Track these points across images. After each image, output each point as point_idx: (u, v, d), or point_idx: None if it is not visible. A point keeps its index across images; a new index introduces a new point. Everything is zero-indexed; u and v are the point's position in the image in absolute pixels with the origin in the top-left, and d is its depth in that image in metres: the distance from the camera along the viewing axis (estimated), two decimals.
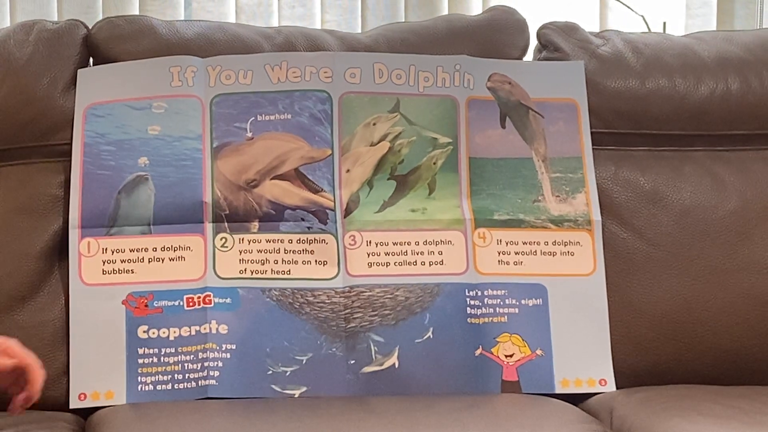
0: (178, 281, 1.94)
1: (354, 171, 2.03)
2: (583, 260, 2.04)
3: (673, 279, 2.06)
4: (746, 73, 2.15)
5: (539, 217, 2.05)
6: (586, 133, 2.09)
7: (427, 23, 2.21)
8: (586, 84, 2.11)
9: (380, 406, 1.87)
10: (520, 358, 2.00)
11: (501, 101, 2.09)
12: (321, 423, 1.78)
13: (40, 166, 1.99)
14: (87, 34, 2.06)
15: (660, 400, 1.90)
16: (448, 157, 2.06)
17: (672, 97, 2.13)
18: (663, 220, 2.08)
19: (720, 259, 2.07)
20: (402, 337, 1.97)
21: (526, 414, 1.83)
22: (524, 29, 2.18)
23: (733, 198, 2.11)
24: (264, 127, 2.01)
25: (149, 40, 2.04)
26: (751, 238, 2.09)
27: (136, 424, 1.80)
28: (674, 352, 2.03)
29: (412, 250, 2.01)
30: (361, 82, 2.04)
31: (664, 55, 2.16)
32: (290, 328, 1.94)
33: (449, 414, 1.82)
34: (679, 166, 2.12)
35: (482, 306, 2.00)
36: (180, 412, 1.82)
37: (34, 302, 1.94)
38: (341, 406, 1.86)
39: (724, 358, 2.05)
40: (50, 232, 1.96)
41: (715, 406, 1.85)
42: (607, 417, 1.87)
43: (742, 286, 2.06)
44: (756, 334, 2.05)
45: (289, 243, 1.98)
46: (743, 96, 2.14)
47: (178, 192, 1.96)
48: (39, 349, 1.88)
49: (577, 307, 2.02)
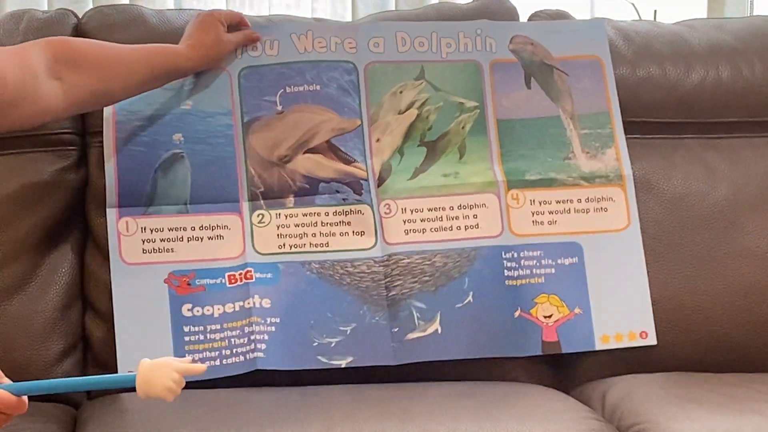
0: (219, 259, 1.94)
1: (384, 140, 2.03)
2: (617, 215, 2.05)
3: (664, 266, 2.06)
4: (737, 60, 2.16)
5: (571, 175, 2.06)
6: (612, 88, 2.10)
7: (418, 12, 2.21)
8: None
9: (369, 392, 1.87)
10: (559, 318, 2.01)
11: (525, 62, 2.09)
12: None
13: (30, 155, 1.97)
14: (77, 23, 2.05)
15: (652, 387, 1.91)
16: (476, 120, 2.06)
17: (663, 84, 2.13)
18: (654, 207, 2.08)
19: (711, 247, 2.07)
20: (443, 303, 1.97)
21: (517, 403, 1.83)
22: (515, 17, 2.18)
23: (724, 185, 2.11)
24: (294, 100, 2.00)
25: (139, 29, 2.02)
26: (742, 225, 2.09)
27: (126, 413, 1.79)
28: (666, 339, 2.03)
29: (447, 215, 2.01)
30: (385, 52, 2.04)
31: (654, 42, 2.16)
32: (332, 300, 1.95)
33: (439, 403, 1.82)
34: (670, 154, 2.12)
35: (519, 267, 2.01)
36: (170, 402, 1.81)
37: (25, 293, 1.93)
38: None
39: (716, 346, 2.04)
40: (41, 222, 1.95)
41: (707, 393, 1.85)
42: (599, 404, 1.87)
43: (732, 273, 2.06)
44: (747, 321, 2.05)
45: (326, 216, 1.98)
46: (734, 83, 2.15)
47: (213, 171, 1.96)
48: (30, 340, 1.90)
49: (614, 263, 2.03)
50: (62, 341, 1.93)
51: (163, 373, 1.32)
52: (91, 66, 1.79)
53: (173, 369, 1.32)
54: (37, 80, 1.71)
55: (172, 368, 1.32)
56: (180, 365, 1.32)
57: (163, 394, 1.32)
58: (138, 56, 1.86)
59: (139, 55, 1.86)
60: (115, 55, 1.84)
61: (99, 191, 1.97)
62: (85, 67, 1.78)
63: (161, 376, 1.32)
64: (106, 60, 1.82)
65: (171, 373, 1.32)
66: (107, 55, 1.82)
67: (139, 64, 1.85)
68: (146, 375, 1.32)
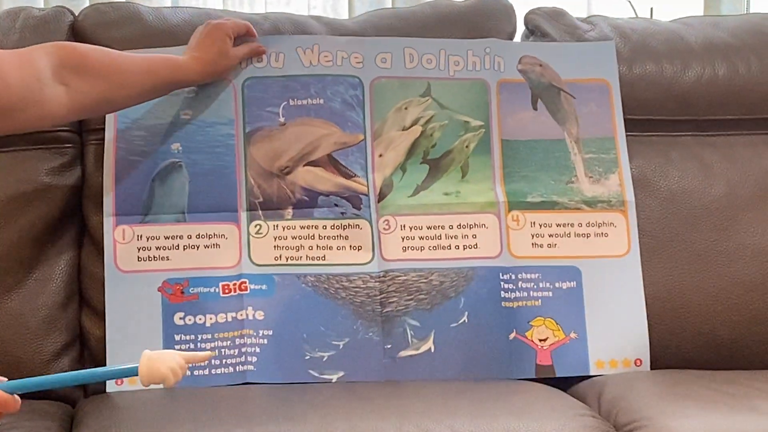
0: (214, 268, 1.94)
1: (387, 156, 2.03)
2: (618, 241, 2.04)
3: (661, 264, 2.05)
4: (733, 58, 2.15)
5: (573, 199, 2.05)
6: (618, 112, 2.09)
7: (414, 9, 2.20)
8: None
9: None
10: (554, 342, 2.00)
11: (532, 83, 2.08)
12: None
13: (27, 153, 1.98)
14: (73, 21, 2.05)
15: (648, 384, 1.90)
16: (481, 140, 2.05)
17: (659, 82, 2.12)
18: (650, 205, 2.08)
19: (707, 244, 2.06)
20: (437, 322, 1.97)
21: (513, 399, 1.82)
22: (511, 14, 2.18)
23: (720, 183, 2.10)
24: (296, 113, 2.00)
25: (136, 26, 2.03)
26: (738, 222, 2.08)
27: (122, 410, 1.80)
28: (662, 336, 2.02)
29: (446, 233, 2.01)
30: (391, 67, 2.04)
31: (651, 40, 2.16)
32: (326, 314, 1.95)
33: (436, 400, 1.81)
34: (666, 152, 2.12)
35: (516, 290, 2.00)
36: (167, 399, 1.83)
37: (22, 290, 1.94)
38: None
39: (712, 343, 2.04)
40: (38, 220, 1.96)
41: (703, 390, 1.84)
42: (595, 402, 1.86)
43: (729, 270, 2.05)
44: (743, 319, 2.04)
45: (324, 229, 1.98)
46: (730, 81, 2.14)
47: (212, 180, 1.96)
48: (27, 337, 1.90)
49: (612, 289, 2.02)
50: (59, 339, 1.94)
51: (169, 357, 1.40)
52: (97, 73, 1.79)
53: (178, 355, 1.40)
54: (42, 84, 1.72)
55: (177, 354, 1.40)
56: (185, 353, 1.41)
57: (166, 374, 1.38)
58: (143, 66, 1.86)
59: (143, 65, 1.86)
60: (121, 64, 1.84)
61: (96, 189, 1.98)
62: (91, 74, 1.78)
63: (167, 360, 1.40)
64: (112, 68, 1.82)
65: (176, 357, 1.40)
66: (113, 64, 1.83)
67: (144, 74, 1.86)
68: (150, 360, 1.39)
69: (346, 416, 1.69)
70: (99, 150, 1.98)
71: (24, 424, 1.70)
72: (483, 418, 1.69)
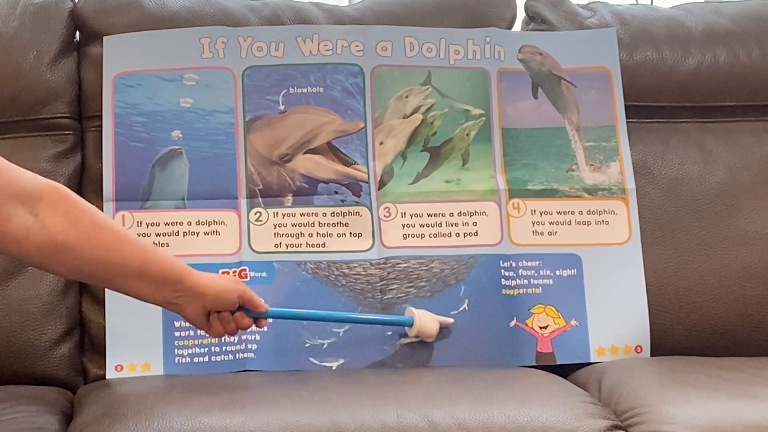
0: (214, 255, 1.94)
1: (387, 143, 2.03)
2: (618, 229, 2.04)
3: (661, 251, 2.05)
4: (733, 44, 2.15)
5: (573, 187, 2.05)
6: (619, 100, 2.09)
7: None
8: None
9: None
10: (555, 330, 1.99)
11: (533, 72, 2.08)
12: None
13: (27, 140, 1.98)
14: (73, 7, 2.05)
15: (649, 371, 1.89)
16: (481, 128, 2.05)
17: (660, 69, 2.12)
18: (650, 191, 2.08)
19: (707, 231, 2.06)
20: (438, 309, 1.96)
21: (514, 387, 1.82)
22: (511, 1, 2.17)
23: (721, 169, 2.10)
24: (296, 101, 2.01)
25: (135, 13, 2.03)
26: (739, 209, 2.08)
27: (122, 395, 1.79)
28: (662, 323, 2.02)
29: (447, 221, 2.01)
30: (392, 56, 2.04)
31: (651, 26, 2.15)
32: (326, 301, 1.95)
33: (437, 387, 1.82)
34: (667, 138, 2.12)
35: (517, 277, 2.00)
36: (166, 386, 1.84)
37: (22, 276, 1.94)
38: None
39: (712, 330, 2.04)
40: None
41: (702, 377, 1.83)
42: (596, 388, 1.85)
43: (729, 256, 2.06)
44: (743, 305, 2.04)
45: (324, 216, 1.98)
46: (730, 68, 2.14)
47: (212, 167, 1.97)
48: (27, 324, 1.90)
49: (613, 276, 2.02)
50: (59, 325, 1.94)
51: (432, 318, 1.94)
52: (77, 221, 1.58)
53: (435, 318, 1.94)
54: (7, 200, 1.53)
55: (435, 318, 1.94)
56: (439, 317, 1.95)
57: (433, 331, 1.93)
58: (140, 248, 1.66)
59: (141, 248, 1.66)
60: (114, 230, 1.64)
61: (96, 175, 1.98)
62: (70, 217, 1.57)
63: (431, 321, 1.93)
64: (98, 226, 1.60)
65: (435, 321, 1.93)
66: (104, 225, 1.62)
67: (134, 249, 1.64)
68: (421, 319, 1.92)
69: (347, 403, 1.69)
70: (99, 137, 1.98)
71: (25, 409, 1.71)
72: (483, 405, 1.68)
